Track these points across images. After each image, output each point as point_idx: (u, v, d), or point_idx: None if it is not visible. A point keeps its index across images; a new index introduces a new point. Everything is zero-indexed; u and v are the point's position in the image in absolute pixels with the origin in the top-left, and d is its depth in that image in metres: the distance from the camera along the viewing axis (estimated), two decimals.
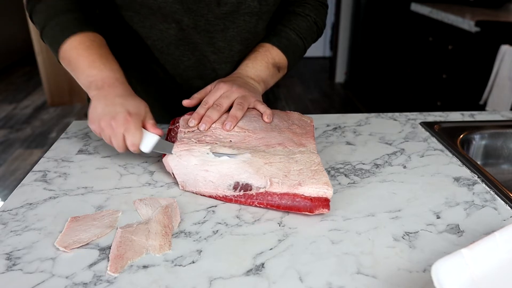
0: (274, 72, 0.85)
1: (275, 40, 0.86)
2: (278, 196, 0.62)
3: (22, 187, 0.70)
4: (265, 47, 0.85)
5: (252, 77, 0.82)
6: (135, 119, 0.67)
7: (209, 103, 0.75)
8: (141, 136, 0.68)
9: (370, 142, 0.86)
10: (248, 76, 0.82)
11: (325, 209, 0.61)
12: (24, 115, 3.42)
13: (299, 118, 0.83)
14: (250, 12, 0.82)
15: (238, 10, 0.81)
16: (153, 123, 0.71)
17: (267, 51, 0.85)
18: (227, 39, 0.84)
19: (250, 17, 0.83)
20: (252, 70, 0.82)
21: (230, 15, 0.81)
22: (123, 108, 0.68)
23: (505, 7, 2.42)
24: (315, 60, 5.03)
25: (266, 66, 0.83)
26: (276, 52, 0.85)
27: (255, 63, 0.83)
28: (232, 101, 0.74)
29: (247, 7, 0.81)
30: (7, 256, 0.54)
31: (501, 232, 0.47)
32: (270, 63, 0.84)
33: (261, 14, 0.84)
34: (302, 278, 0.50)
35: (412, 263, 0.53)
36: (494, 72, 1.92)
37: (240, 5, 0.80)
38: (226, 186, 0.65)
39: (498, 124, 0.96)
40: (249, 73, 0.82)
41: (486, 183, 0.71)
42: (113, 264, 0.52)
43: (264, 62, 0.84)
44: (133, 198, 0.66)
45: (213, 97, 0.75)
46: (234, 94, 0.75)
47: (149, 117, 0.72)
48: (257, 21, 0.85)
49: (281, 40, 0.86)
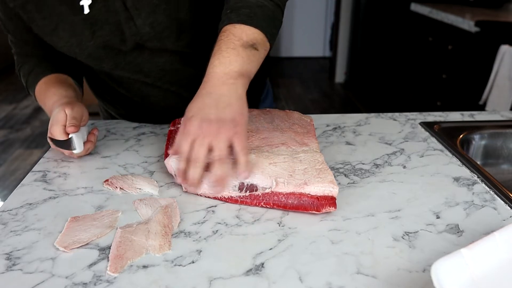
0: (250, 54, 0.68)
1: (233, 16, 0.70)
2: (284, 196, 0.62)
3: (22, 187, 0.70)
4: (226, 31, 0.69)
5: (223, 78, 0.66)
6: (53, 131, 0.75)
7: (184, 154, 0.63)
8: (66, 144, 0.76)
9: (370, 142, 0.86)
10: (218, 80, 0.66)
11: (332, 207, 0.61)
12: (24, 115, 3.42)
13: (299, 117, 0.83)
14: (148, 39, 0.81)
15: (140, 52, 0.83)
16: (68, 124, 0.75)
17: (229, 34, 0.69)
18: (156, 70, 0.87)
19: (151, 42, 0.82)
20: (221, 68, 0.66)
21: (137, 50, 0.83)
22: (49, 126, 0.77)
23: (505, 7, 2.42)
24: (315, 60, 5.03)
25: (236, 53, 0.67)
26: (240, 29, 0.69)
27: (221, 57, 0.67)
28: (207, 147, 0.62)
29: (143, 35, 0.80)
30: (7, 256, 0.54)
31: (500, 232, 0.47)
32: (239, 46, 0.67)
33: (158, 35, 0.81)
34: (302, 278, 0.50)
35: (412, 263, 0.53)
36: (493, 72, 1.92)
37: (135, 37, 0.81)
38: (231, 187, 0.65)
39: (498, 124, 0.96)
40: (218, 74, 0.66)
41: (486, 183, 0.71)
42: (113, 264, 0.52)
43: (231, 49, 0.67)
44: (133, 198, 0.66)
45: (186, 145, 0.63)
46: (207, 139, 0.62)
47: (68, 118, 0.76)
48: (160, 42, 0.82)
49: (240, 13, 0.70)
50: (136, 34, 0.80)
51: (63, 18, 0.78)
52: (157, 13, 0.78)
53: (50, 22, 0.78)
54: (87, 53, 0.82)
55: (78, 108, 0.78)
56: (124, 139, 0.87)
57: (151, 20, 0.78)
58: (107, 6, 0.77)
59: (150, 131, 0.91)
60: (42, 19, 0.78)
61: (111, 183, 0.69)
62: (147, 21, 0.78)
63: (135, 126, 0.94)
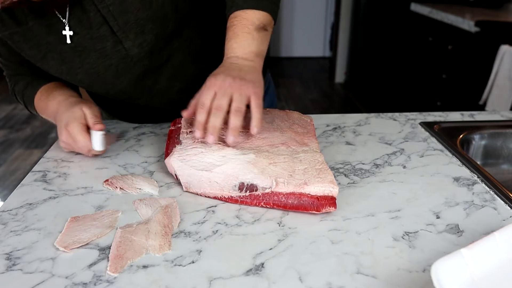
0: (263, 35, 0.76)
1: (241, 2, 0.76)
2: (284, 196, 0.62)
3: (22, 187, 0.70)
4: (238, 16, 0.75)
5: (243, 56, 0.73)
6: (72, 128, 0.75)
7: (206, 105, 0.68)
8: (84, 140, 0.75)
9: (370, 142, 0.86)
10: (239, 57, 0.73)
11: (332, 207, 0.61)
12: (24, 115, 3.42)
13: (299, 117, 0.83)
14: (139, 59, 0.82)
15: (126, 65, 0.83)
16: (93, 122, 0.76)
17: (242, 19, 0.75)
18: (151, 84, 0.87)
19: (141, 62, 0.82)
20: (240, 49, 0.73)
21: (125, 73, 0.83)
22: (61, 124, 0.78)
23: (505, 7, 2.42)
24: (315, 60, 5.03)
25: (251, 36, 0.74)
26: (251, 14, 0.75)
27: (238, 40, 0.73)
28: (229, 98, 0.67)
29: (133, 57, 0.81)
30: (7, 256, 0.54)
31: (500, 232, 0.47)
32: (253, 30, 0.74)
33: (148, 55, 0.82)
34: (302, 278, 0.50)
35: (412, 263, 0.53)
36: (493, 72, 1.92)
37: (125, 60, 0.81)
38: (231, 187, 0.65)
39: (498, 124, 0.96)
40: (238, 54, 0.73)
41: (486, 183, 0.71)
42: (113, 264, 0.52)
43: (246, 34, 0.74)
44: (133, 198, 0.66)
45: (208, 97, 0.68)
46: (229, 90, 0.68)
47: (89, 116, 0.77)
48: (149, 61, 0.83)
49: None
50: (126, 57, 0.80)
51: (51, 48, 0.79)
52: (145, 33, 0.79)
53: (39, 51, 0.79)
54: (78, 79, 0.83)
55: (94, 106, 0.80)
56: (124, 139, 0.88)
57: (140, 41, 0.79)
58: (91, 34, 0.77)
59: (150, 131, 0.91)
60: (29, 49, 0.79)
61: (111, 183, 0.69)
62: (136, 42, 0.79)
63: (135, 126, 0.94)
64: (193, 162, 0.67)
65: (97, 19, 0.76)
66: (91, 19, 0.76)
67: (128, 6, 0.75)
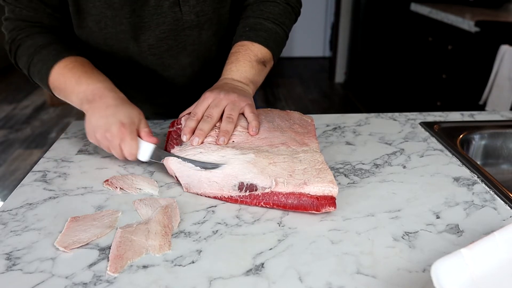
0: (261, 69, 0.81)
1: (252, 35, 0.82)
2: (284, 196, 0.62)
3: (22, 187, 0.70)
4: (245, 46, 0.81)
5: (239, 79, 0.79)
6: (129, 129, 0.69)
7: (198, 115, 0.72)
8: (137, 146, 0.70)
9: (370, 142, 0.86)
10: (235, 80, 0.78)
11: (331, 207, 0.61)
12: (24, 115, 3.42)
13: (300, 117, 0.83)
14: (189, 27, 0.85)
15: (176, 28, 0.84)
16: (147, 132, 0.73)
17: (247, 49, 0.81)
18: (174, 55, 0.88)
19: (191, 30, 0.86)
20: (237, 73, 0.79)
21: (170, 35, 0.85)
22: (116, 119, 0.69)
23: (505, 7, 2.42)
24: (315, 60, 5.03)
25: (251, 65, 0.80)
26: (257, 47, 0.81)
27: (238, 65, 0.79)
28: (222, 109, 0.72)
29: (185, 23, 0.84)
30: (7, 256, 0.54)
31: (500, 232, 0.47)
32: (254, 60, 0.80)
33: (201, 25, 0.86)
34: (302, 278, 0.51)
35: (412, 263, 0.53)
36: (493, 72, 1.92)
37: (178, 22, 0.84)
38: (231, 187, 0.65)
39: (498, 124, 0.96)
40: (235, 76, 0.79)
41: (486, 183, 0.71)
42: (112, 264, 0.52)
43: (248, 62, 0.80)
44: (133, 198, 0.66)
45: (202, 108, 0.73)
46: (223, 102, 0.72)
47: (144, 124, 0.73)
48: (199, 32, 0.87)
49: (258, 34, 0.82)
50: (179, 19, 0.83)
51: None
52: (204, 4, 0.84)
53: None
54: (119, 30, 0.79)
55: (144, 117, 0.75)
56: None
57: (197, 10, 0.83)
58: None
59: None
60: None
61: (111, 183, 0.69)
62: (194, 10, 0.83)
63: None
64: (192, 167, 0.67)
65: None
66: None
67: None
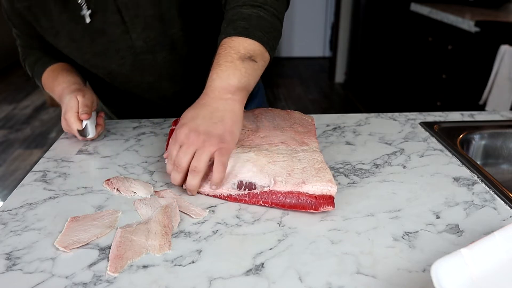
0: (249, 66, 0.68)
1: (230, 30, 0.70)
2: (283, 194, 0.62)
3: (22, 187, 0.70)
4: (224, 45, 0.69)
5: (220, 92, 0.67)
6: (68, 117, 0.82)
7: (172, 156, 0.67)
8: (77, 127, 0.82)
9: (370, 142, 0.86)
10: (215, 94, 0.67)
11: (330, 206, 0.61)
12: (24, 115, 3.42)
13: (300, 117, 0.83)
14: (142, 52, 0.88)
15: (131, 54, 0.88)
16: (80, 111, 0.81)
17: (227, 47, 0.69)
18: (138, 75, 0.92)
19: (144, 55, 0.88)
20: (219, 82, 0.67)
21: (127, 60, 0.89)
22: (63, 111, 0.84)
23: (504, 7, 2.42)
24: (315, 60, 5.03)
25: (234, 66, 0.67)
26: (237, 42, 0.69)
27: (219, 71, 0.67)
28: (190, 156, 0.64)
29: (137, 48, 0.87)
30: (7, 256, 0.54)
31: (500, 232, 0.47)
32: (237, 59, 0.67)
33: (151, 49, 0.87)
34: (301, 278, 0.51)
35: (412, 263, 0.53)
36: (493, 72, 1.92)
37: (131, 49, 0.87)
38: (230, 185, 0.65)
39: (498, 124, 0.96)
40: (216, 88, 0.67)
41: (486, 183, 0.71)
42: (112, 264, 0.52)
43: (229, 63, 0.67)
44: (133, 198, 0.66)
45: (174, 149, 0.66)
46: (192, 146, 0.64)
47: (80, 105, 0.82)
48: (152, 55, 0.89)
49: (236, 26, 0.70)
50: (131, 47, 0.86)
51: (64, 25, 0.83)
52: (149, 29, 0.84)
53: (52, 26, 0.84)
54: (85, 59, 0.89)
55: (88, 95, 0.85)
56: (124, 139, 0.88)
57: (144, 36, 0.85)
58: (106, 17, 0.82)
59: (150, 131, 0.91)
60: (45, 21, 0.84)
61: (111, 183, 0.69)
62: (141, 36, 0.85)
63: (135, 126, 0.94)
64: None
65: (112, 6, 0.80)
66: (108, 4, 0.80)
67: (140, 1, 0.80)
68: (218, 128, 0.64)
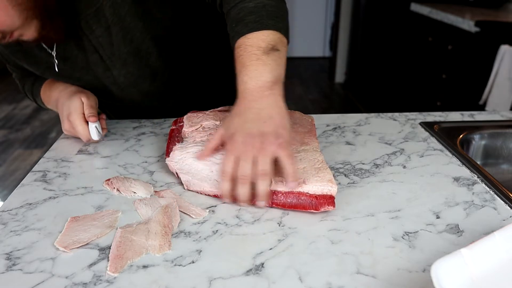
0: (275, 58, 0.67)
1: (241, 28, 0.69)
2: (283, 194, 0.62)
3: (22, 187, 0.70)
4: (242, 45, 0.68)
5: (258, 92, 0.65)
6: (73, 119, 0.81)
7: (228, 173, 0.62)
8: (84, 130, 0.81)
9: (370, 142, 0.86)
10: (254, 95, 0.65)
11: (330, 206, 0.61)
12: (24, 115, 3.42)
13: (301, 117, 0.83)
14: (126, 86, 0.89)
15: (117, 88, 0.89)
16: (88, 113, 0.81)
17: (247, 47, 0.67)
18: (130, 95, 0.92)
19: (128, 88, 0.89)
20: (252, 83, 0.65)
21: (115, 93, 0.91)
22: (65, 113, 0.83)
23: (504, 7, 2.42)
24: (315, 60, 5.03)
25: (262, 63, 0.65)
26: (254, 38, 0.67)
27: (249, 72, 0.65)
28: (253, 160, 0.61)
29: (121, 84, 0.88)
30: (7, 256, 0.54)
31: (500, 232, 0.47)
32: (262, 55, 0.66)
33: (133, 83, 0.88)
34: (301, 278, 0.51)
35: (412, 263, 0.53)
36: (493, 72, 1.92)
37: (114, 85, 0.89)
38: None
39: (498, 124, 0.96)
40: (252, 89, 0.65)
41: (486, 183, 0.71)
42: (112, 264, 0.52)
43: (255, 61, 0.66)
44: (133, 198, 0.66)
45: (230, 164, 0.62)
46: (251, 152, 0.61)
47: (85, 107, 0.81)
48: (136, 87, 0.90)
49: (246, 21, 0.69)
50: (114, 82, 0.88)
51: (49, 67, 0.85)
52: (128, 65, 0.85)
53: (38, 67, 0.87)
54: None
55: (91, 96, 0.85)
56: (124, 139, 0.88)
57: (124, 72, 0.86)
58: (86, 57, 0.83)
59: (150, 131, 0.91)
60: (29, 65, 0.87)
61: (111, 183, 0.69)
62: (122, 72, 0.86)
63: (135, 126, 0.94)
64: (194, 162, 0.67)
65: (90, 47, 0.82)
66: (85, 46, 0.82)
67: (113, 40, 0.80)
68: (270, 127, 0.62)
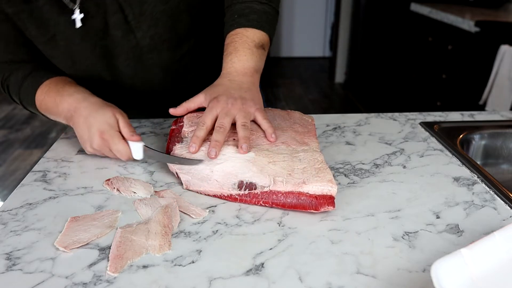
0: (261, 53, 0.79)
1: (243, 21, 0.80)
2: (283, 195, 0.62)
3: (22, 187, 0.70)
4: (239, 33, 0.79)
5: (242, 72, 0.76)
6: (109, 135, 0.72)
7: (207, 124, 0.69)
8: (125, 148, 0.72)
9: (370, 142, 0.86)
10: (238, 73, 0.76)
11: (330, 206, 0.61)
12: (24, 115, 3.42)
13: (300, 117, 0.83)
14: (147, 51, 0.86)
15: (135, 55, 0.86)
16: (127, 132, 0.72)
17: (243, 36, 0.78)
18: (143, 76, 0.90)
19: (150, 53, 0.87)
20: (239, 64, 0.76)
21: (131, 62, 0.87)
22: (94, 130, 0.72)
23: (504, 7, 2.42)
24: (315, 60, 5.03)
25: (251, 52, 0.77)
26: (252, 32, 0.79)
27: (239, 55, 0.76)
28: (232, 118, 0.69)
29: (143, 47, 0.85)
30: (7, 256, 0.54)
31: (500, 232, 0.47)
32: (253, 47, 0.78)
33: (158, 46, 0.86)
34: (301, 278, 0.51)
35: (412, 263, 0.53)
36: (493, 72, 1.92)
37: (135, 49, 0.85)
38: (230, 185, 0.65)
39: (498, 124, 0.96)
40: (238, 69, 0.76)
41: (486, 183, 0.71)
42: (112, 264, 0.52)
43: (247, 49, 0.77)
44: (133, 198, 0.66)
45: (210, 117, 0.69)
46: (232, 111, 0.70)
47: (123, 124, 0.73)
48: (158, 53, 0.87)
49: (249, 18, 0.80)
50: (136, 46, 0.84)
51: (60, 29, 0.77)
52: (158, 26, 0.83)
53: (46, 31, 0.77)
54: (87, 64, 0.84)
55: (123, 112, 0.76)
56: None
57: (151, 33, 0.83)
58: (106, 19, 0.79)
59: (150, 131, 0.91)
60: (36, 28, 0.77)
61: (111, 183, 0.69)
62: (148, 34, 0.83)
63: (135, 126, 0.94)
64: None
65: (113, 6, 0.78)
66: (107, 5, 0.78)
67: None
68: (249, 95, 0.74)
